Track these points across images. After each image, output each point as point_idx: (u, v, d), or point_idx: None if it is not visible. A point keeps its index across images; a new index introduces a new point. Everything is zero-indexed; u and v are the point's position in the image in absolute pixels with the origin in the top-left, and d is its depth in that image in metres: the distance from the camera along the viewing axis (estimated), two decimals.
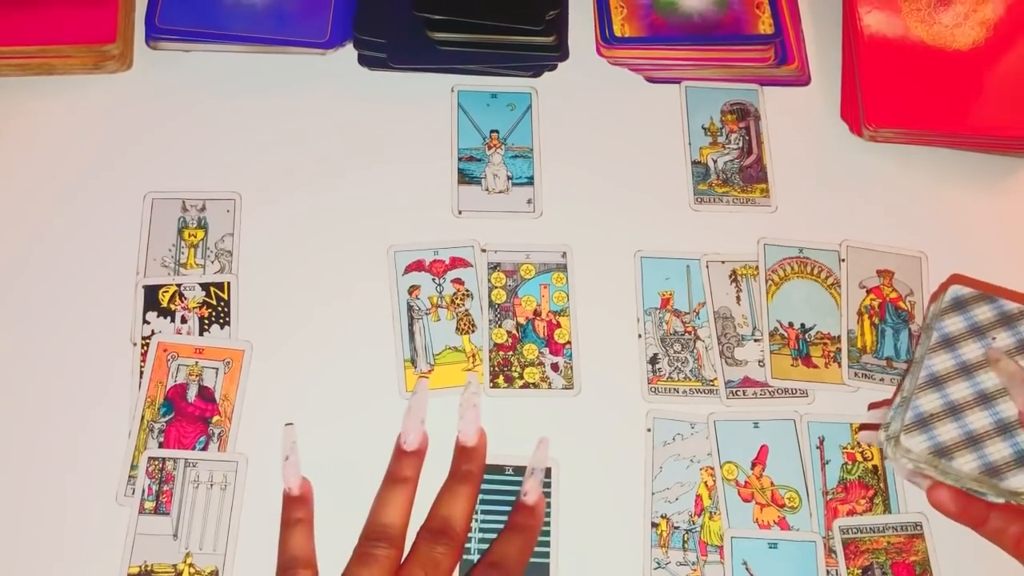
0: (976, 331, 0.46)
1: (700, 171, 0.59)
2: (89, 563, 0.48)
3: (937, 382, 0.45)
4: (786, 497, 0.51)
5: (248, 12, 0.59)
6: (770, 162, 0.59)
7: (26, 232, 0.55)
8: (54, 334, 0.53)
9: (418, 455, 0.47)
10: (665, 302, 0.55)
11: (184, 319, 0.53)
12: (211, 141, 0.58)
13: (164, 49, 0.60)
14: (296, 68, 0.60)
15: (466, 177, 0.58)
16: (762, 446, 0.52)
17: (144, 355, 0.52)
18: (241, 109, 0.59)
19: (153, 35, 0.59)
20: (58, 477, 0.50)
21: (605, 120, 0.60)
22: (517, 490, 0.48)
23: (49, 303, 0.53)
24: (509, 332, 0.54)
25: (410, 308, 0.54)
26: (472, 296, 0.55)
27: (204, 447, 0.50)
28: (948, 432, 0.44)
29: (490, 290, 0.55)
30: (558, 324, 0.54)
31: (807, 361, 0.54)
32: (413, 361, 0.53)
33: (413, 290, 0.54)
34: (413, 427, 0.48)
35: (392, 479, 0.47)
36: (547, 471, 0.50)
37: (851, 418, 0.53)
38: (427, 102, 0.60)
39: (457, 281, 0.55)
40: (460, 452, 0.48)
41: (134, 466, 0.50)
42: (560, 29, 0.59)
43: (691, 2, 0.61)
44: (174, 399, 0.51)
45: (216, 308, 0.53)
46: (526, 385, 0.53)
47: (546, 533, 0.49)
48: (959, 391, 0.45)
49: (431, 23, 0.58)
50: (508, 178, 0.58)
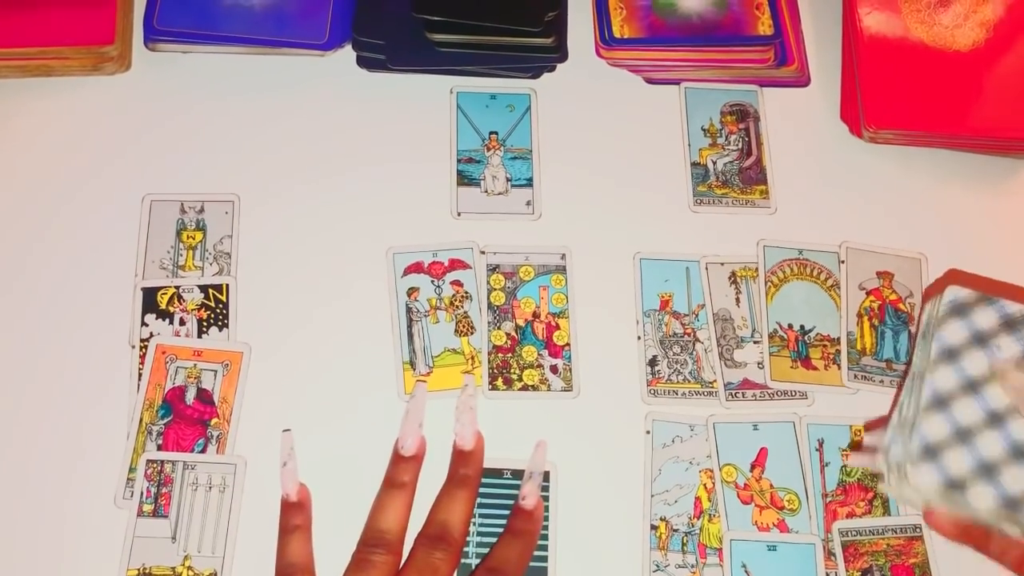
0: (979, 339, 0.42)
1: (699, 172, 0.59)
2: (87, 566, 0.48)
3: (942, 403, 0.41)
4: (785, 499, 0.51)
5: (246, 14, 0.59)
6: (769, 163, 0.59)
7: (25, 234, 0.55)
8: (53, 336, 0.53)
9: (416, 460, 0.47)
10: (664, 304, 0.55)
11: (183, 321, 0.53)
12: (210, 143, 0.58)
13: (163, 51, 0.60)
14: (295, 70, 0.60)
15: (465, 179, 0.58)
16: (761, 448, 0.52)
17: (143, 357, 0.52)
18: (240, 111, 0.59)
19: (151, 37, 0.59)
20: (56, 479, 0.50)
21: (604, 121, 0.60)
22: (516, 494, 0.48)
23: (47, 305, 0.53)
24: (508, 334, 0.54)
25: (409, 310, 0.54)
26: (471, 298, 0.55)
27: (203, 449, 0.50)
28: (959, 461, 0.40)
29: (489, 292, 0.55)
30: (557, 326, 0.54)
31: (807, 363, 0.54)
32: (412, 363, 0.53)
33: (412, 292, 0.54)
34: (411, 432, 0.47)
35: (390, 484, 0.46)
36: (545, 475, 0.50)
37: (851, 420, 0.53)
38: (426, 103, 0.60)
39: (456, 283, 0.55)
40: (457, 456, 0.48)
41: (132, 468, 0.50)
42: (559, 30, 0.59)
43: (690, 3, 0.61)
44: (173, 401, 0.51)
45: (215, 310, 0.53)
46: (525, 387, 0.53)
47: (545, 537, 0.49)
48: (967, 412, 0.41)
49: (430, 24, 0.58)
50: (507, 180, 0.58)
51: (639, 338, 0.54)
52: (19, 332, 0.53)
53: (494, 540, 0.47)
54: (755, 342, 0.54)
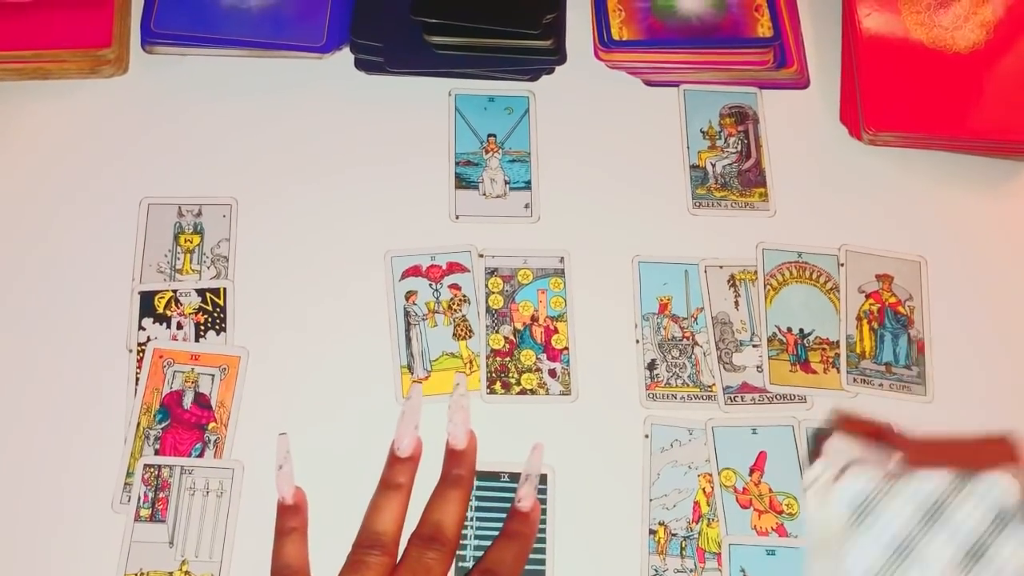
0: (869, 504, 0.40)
1: (698, 175, 0.59)
2: (85, 571, 0.48)
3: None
4: (784, 504, 0.51)
5: (244, 16, 0.59)
6: (769, 166, 0.59)
7: (21, 237, 0.55)
8: (49, 340, 0.53)
9: (412, 461, 0.47)
10: (663, 307, 0.55)
11: (180, 325, 0.53)
12: (207, 146, 0.58)
13: (160, 54, 0.60)
14: (293, 72, 0.60)
15: (463, 181, 0.57)
16: (760, 452, 0.52)
17: (140, 361, 0.52)
18: (237, 114, 0.59)
19: (149, 39, 0.59)
20: (53, 484, 0.50)
21: (603, 124, 0.60)
22: (513, 497, 0.48)
23: (44, 309, 0.53)
24: (506, 338, 0.54)
25: (407, 314, 0.54)
26: (469, 301, 0.54)
27: (200, 454, 0.50)
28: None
29: (487, 295, 0.55)
30: (556, 330, 0.54)
31: (806, 367, 0.54)
32: (410, 367, 0.53)
33: (410, 296, 0.54)
34: (407, 433, 0.47)
35: (386, 486, 0.46)
36: (543, 477, 0.50)
37: None
38: (424, 106, 0.59)
39: (454, 286, 0.55)
40: (450, 456, 0.48)
41: (130, 473, 0.49)
42: (558, 32, 0.59)
43: (689, 5, 0.61)
44: (170, 406, 0.51)
45: (212, 314, 0.53)
46: (523, 391, 0.53)
47: (542, 540, 0.49)
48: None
49: (428, 27, 0.58)
50: (505, 182, 0.58)
51: (638, 342, 0.54)
52: (16, 336, 0.53)
53: (491, 543, 0.47)
54: (754, 346, 0.54)
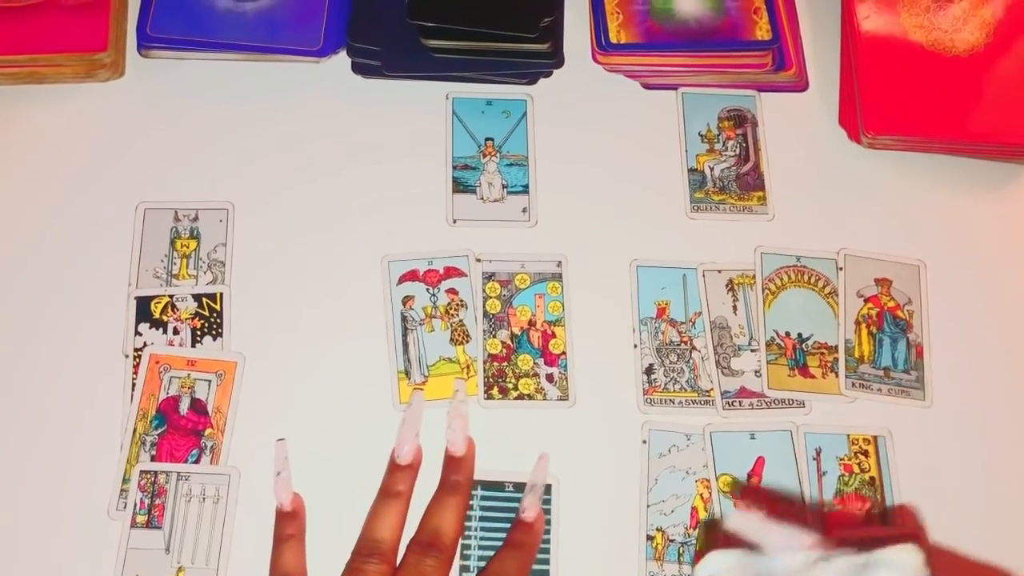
0: None
1: (697, 179, 0.58)
2: None
3: None
4: None
5: (240, 20, 0.59)
6: (767, 169, 0.59)
7: (17, 242, 0.55)
8: (46, 345, 0.52)
9: (412, 469, 0.47)
10: (661, 312, 0.55)
11: (176, 330, 0.53)
12: (204, 150, 0.57)
13: (156, 57, 0.59)
14: (289, 76, 0.59)
15: (461, 186, 0.57)
16: (758, 458, 0.51)
17: (136, 367, 0.52)
18: (234, 118, 0.58)
19: (145, 43, 0.59)
20: (49, 490, 0.49)
21: (601, 127, 0.60)
22: (517, 507, 0.48)
23: (40, 314, 0.53)
24: (504, 343, 0.54)
25: (404, 319, 0.54)
26: (466, 306, 0.54)
27: (197, 460, 0.50)
28: None
29: (484, 300, 0.54)
30: (553, 334, 0.54)
31: (804, 371, 0.54)
32: (407, 372, 0.53)
33: (407, 300, 0.54)
34: (407, 441, 0.47)
35: (385, 493, 0.46)
36: (547, 488, 0.50)
37: (848, 429, 0.52)
38: (421, 110, 0.59)
39: (451, 291, 0.55)
40: (449, 462, 0.48)
41: (126, 479, 0.49)
42: (555, 36, 0.59)
43: (688, 8, 0.61)
44: (166, 412, 0.51)
45: (209, 319, 0.53)
46: (520, 396, 0.52)
47: (546, 551, 0.49)
48: None
49: (425, 30, 0.57)
50: (503, 186, 0.57)
51: (635, 346, 0.54)
52: (12, 341, 0.52)
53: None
54: (752, 350, 0.54)
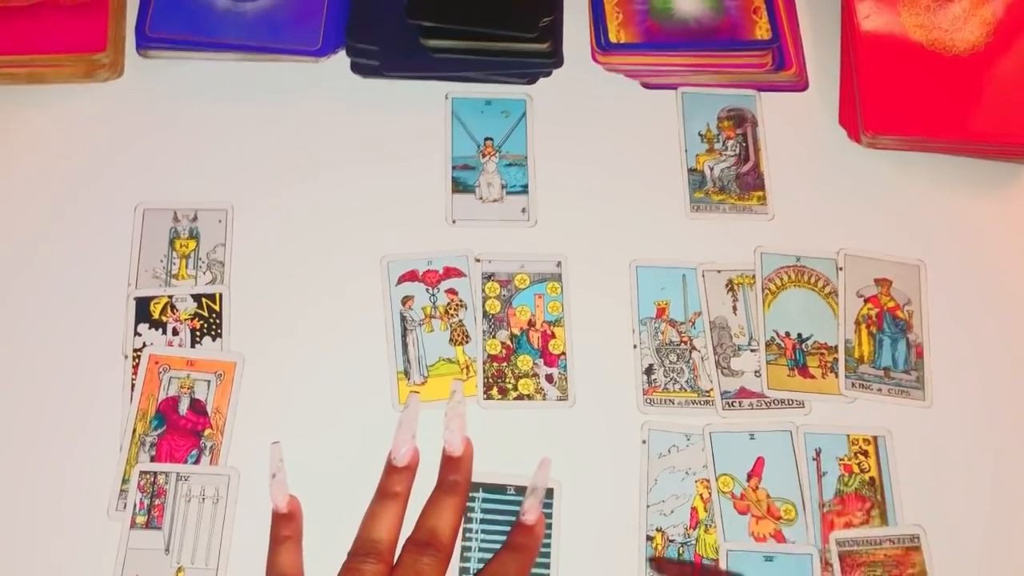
0: None
1: (696, 179, 0.58)
2: None
3: None
4: (782, 509, 0.50)
5: (239, 20, 0.59)
6: (767, 169, 0.59)
7: (16, 243, 0.55)
8: (45, 346, 0.52)
9: (409, 471, 0.47)
10: (661, 312, 0.55)
11: (176, 331, 0.53)
12: (203, 150, 0.57)
13: (155, 57, 0.59)
14: (288, 76, 0.59)
15: (460, 186, 0.57)
16: (758, 458, 0.51)
17: (135, 367, 0.52)
18: (233, 118, 0.58)
19: (144, 43, 0.59)
20: (49, 491, 0.49)
21: (600, 127, 0.59)
22: (518, 510, 0.48)
23: (40, 315, 0.53)
24: (503, 343, 0.54)
25: (403, 319, 0.54)
26: (466, 306, 0.54)
27: (196, 460, 0.50)
28: None
29: (484, 300, 0.54)
30: (552, 335, 0.54)
31: (804, 371, 0.54)
32: (406, 373, 0.53)
33: (406, 301, 0.54)
34: (404, 443, 0.47)
35: (382, 494, 0.46)
36: (549, 492, 0.50)
37: (848, 429, 0.52)
38: (420, 109, 0.59)
39: (451, 291, 0.54)
40: (446, 462, 0.48)
41: (125, 480, 0.49)
42: (555, 35, 0.59)
43: (687, 7, 0.61)
44: (166, 412, 0.51)
45: (208, 320, 0.53)
46: (520, 397, 0.52)
47: (546, 555, 0.49)
48: None
49: (424, 30, 0.57)
50: (502, 186, 0.57)
51: (635, 346, 0.54)
52: (12, 341, 0.52)
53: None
54: (752, 350, 0.54)
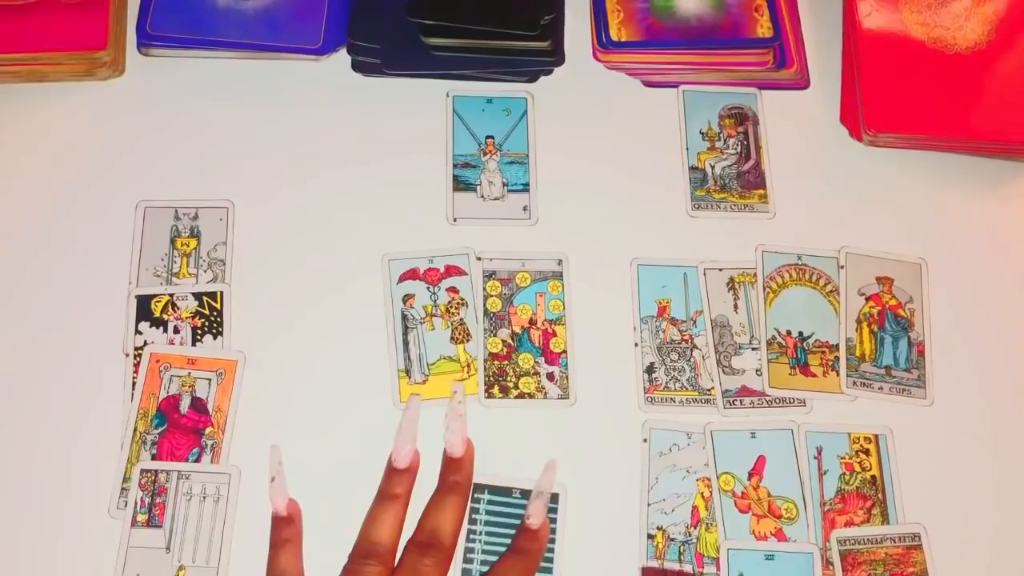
0: None
1: (698, 177, 0.58)
2: None
3: None
4: (783, 508, 0.50)
5: (240, 18, 0.59)
6: (769, 167, 0.59)
7: (17, 241, 0.55)
8: (46, 344, 0.52)
9: (410, 472, 0.47)
10: (662, 310, 0.55)
11: (177, 329, 0.53)
12: (204, 148, 0.57)
13: (156, 56, 0.59)
14: (289, 74, 0.59)
15: (461, 184, 0.57)
16: (759, 456, 0.51)
17: (136, 366, 0.52)
18: (234, 116, 0.58)
19: (144, 42, 0.59)
20: (50, 489, 0.49)
21: (602, 125, 0.59)
22: (523, 513, 0.48)
23: (40, 313, 0.53)
24: (504, 341, 0.54)
25: (404, 317, 0.54)
26: (467, 305, 0.54)
27: (197, 459, 0.50)
28: None
29: (485, 298, 0.54)
30: (554, 333, 0.54)
31: (805, 370, 0.54)
32: (407, 371, 0.53)
33: (407, 299, 0.54)
34: (404, 444, 0.47)
35: (383, 496, 0.46)
36: (554, 497, 0.50)
37: (849, 428, 0.52)
38: (421, 108, 0.59)
39: (452, 290, 0.54)
40: (447, 463, 0.48)
41: (126, 478, 0.49)
42: (556, 33, 0.59)
43: (688, 5, 0.60)
44: (167, 410, 0.51)
45: (209, 318, 0.53)
46: (521, 395, 0.52)
47: (550, 559, 0.48)
48: None
49: (425, 28, 0.57)
50: (504, 185, 0.57)
51: (636, 345, 0.54)
52: (12, 340, 0.52)
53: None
54: (753, 349, 0.54)
